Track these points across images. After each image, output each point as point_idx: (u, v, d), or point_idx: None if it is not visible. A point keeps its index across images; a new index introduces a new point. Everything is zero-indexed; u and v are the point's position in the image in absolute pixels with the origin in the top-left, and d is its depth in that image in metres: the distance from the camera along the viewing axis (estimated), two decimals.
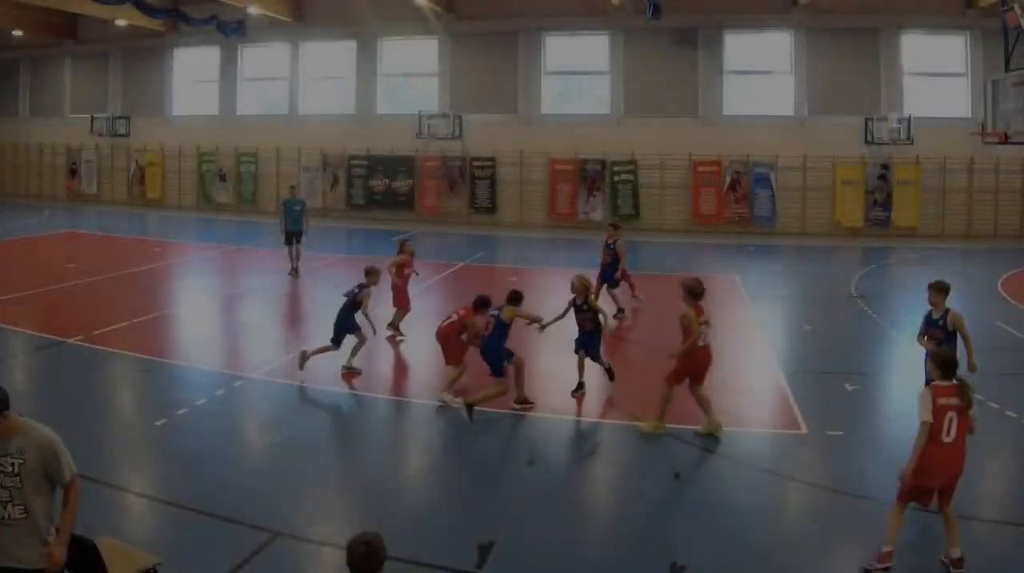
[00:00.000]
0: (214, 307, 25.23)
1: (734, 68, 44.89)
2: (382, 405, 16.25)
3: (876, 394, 16.72)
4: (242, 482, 12.04)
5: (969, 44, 42.65)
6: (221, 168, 50.55)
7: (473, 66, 46.88)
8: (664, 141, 43.85)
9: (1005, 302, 26.15)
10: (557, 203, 45.61)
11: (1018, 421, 14.85)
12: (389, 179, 47.62)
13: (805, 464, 13.25)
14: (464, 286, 27.34)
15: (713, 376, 15.14)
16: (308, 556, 10.23)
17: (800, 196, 43.34)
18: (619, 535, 10.90)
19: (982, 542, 10.45)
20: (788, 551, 10.46)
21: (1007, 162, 41.20)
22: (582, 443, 14.38)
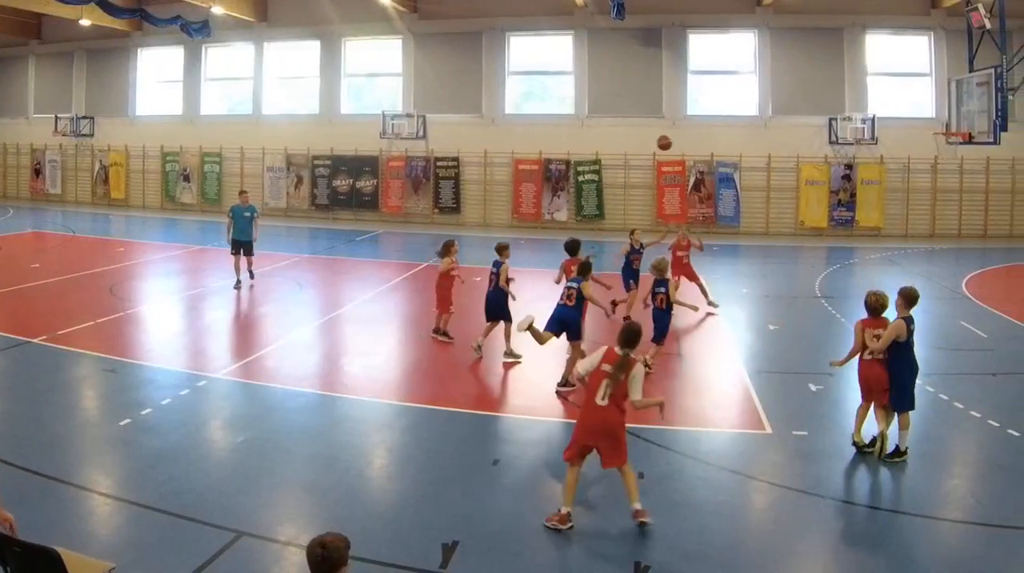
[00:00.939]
0: (179, 307, 24.13)
1: (698, 68, 43.21)
2: (347, 405, 15.39)
3: (840, 394, 15.87)
4: (206, 482, 11.53)
5: (933, 44, 41.20)
6: (185, 168, 48.44)
7: (437, 66, 44.96)
8: (628, 141, 42.14)
9: (969, 302, 25.32)
10: (521, 203, 43.80)
11: (982, 421, 14.34)
12: (353, 179, 45.65)
13: (769, 464, 12.78)
14: (427, 287, 25.70)
15: (680, 376, 16.06)
16: (273, 556, 9.72)
17: (764, 196, 41.81)
18: (583, 534, 10.34)
19: (947, 543, 10.26)
20: (752, 551, 10.08)
21: (971, 162, 39.92)
22: (547, 442, 13.49)
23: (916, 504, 11.18)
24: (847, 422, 13.96)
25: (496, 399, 15.82)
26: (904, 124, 40.53)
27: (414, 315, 23.34)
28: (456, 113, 44.71)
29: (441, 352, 18.90)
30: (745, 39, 42.93)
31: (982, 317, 22.85)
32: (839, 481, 12.07)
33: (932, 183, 40.82)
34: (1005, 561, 9.73)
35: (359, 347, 19.81)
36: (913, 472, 12.30)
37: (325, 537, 6.04)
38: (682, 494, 11.57)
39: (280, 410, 15.03)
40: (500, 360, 18.10)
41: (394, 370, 17.80)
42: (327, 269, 31.24)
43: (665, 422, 12.95)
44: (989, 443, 13.62)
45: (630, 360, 10.70)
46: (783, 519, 10.95)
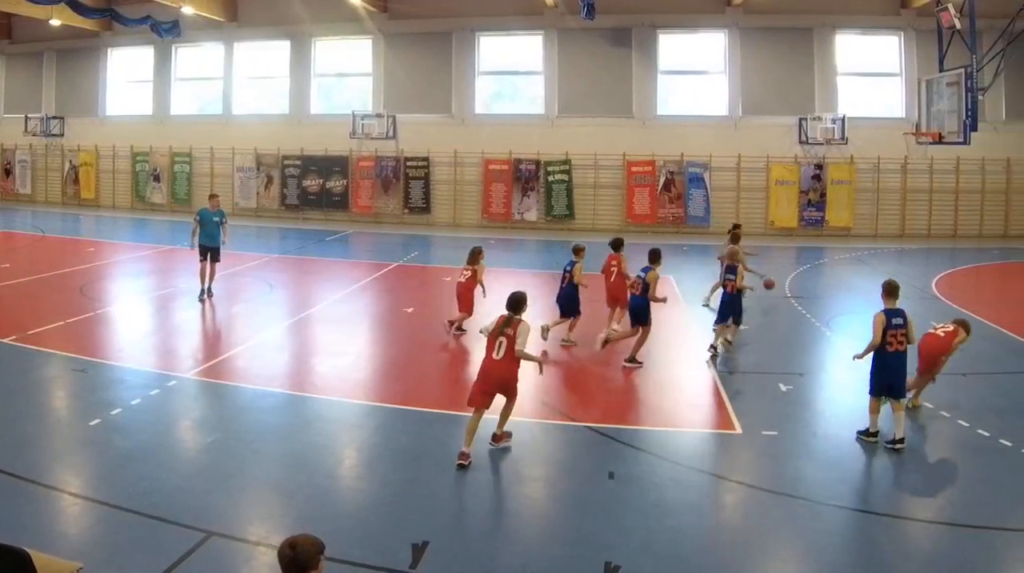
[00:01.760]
0: (149, 307, 23.23)
1: (668, 68, 41.75)
2: (317, 405, 14.94)
3: (810, 394, 15.79)
4: (176, 482, 11.19)
5: (903, 44, 39.91)
6: (155, 168, 46.52)
7: (407, 66, 43.22)
8: (598, 141, 40.89)
9: (938, 302, 24.61)
10: (491, 203, 42.19)
11: (952, 421, 14.06)
12: (323, 179, 43.92)
13: (739, 464, 12.59)
14: (398, 286, 26.37)
15: (650, 377, 16.10)
16: (243, 556, 9.44)
17: (734, 196, 40.39)
18: (553, 535, 10.22)
19: (917, 543, 10.13)
20: (722, 551, 9.85)
21: (941, 162, 38.72)
22: (517, 442, 12.99)
23: (886, 504, 11.00)
24: (816, 422, 14.10)
25: (466, 399, 13.97)
26: (874, 124, 39.30)
27: (384, 315, 22.90)
28: (426, 113, 43.08)
29: (411, 352, 18.53)
30: (715, 39, 41.48)
31: (952, 317, 20.56)
32: (809, 481, 11.74)
33: (902, 183, 39.63)
34: (975, 561, 9.52)
35: (329, 347, 19.31)
36: (883, 472, 12.17)
37: (297, 538, 5.87)
38: (652, 494, 11.22)
39: (250, 410, 14.68)
40: (478, 360, 16.93)
41: (364, 370, 17.35)
42: (297, 269, 30.20)
43: (637, 420, 13.57)
44: (959, 443, 13.33)
45: (514, 320, 12.44)
46: (753, 519, 10.73)
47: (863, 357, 13.41)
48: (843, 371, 16.57)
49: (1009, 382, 16.60)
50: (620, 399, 15.42)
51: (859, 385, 15.36)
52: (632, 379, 16.75)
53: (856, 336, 18.55)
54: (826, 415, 14.73)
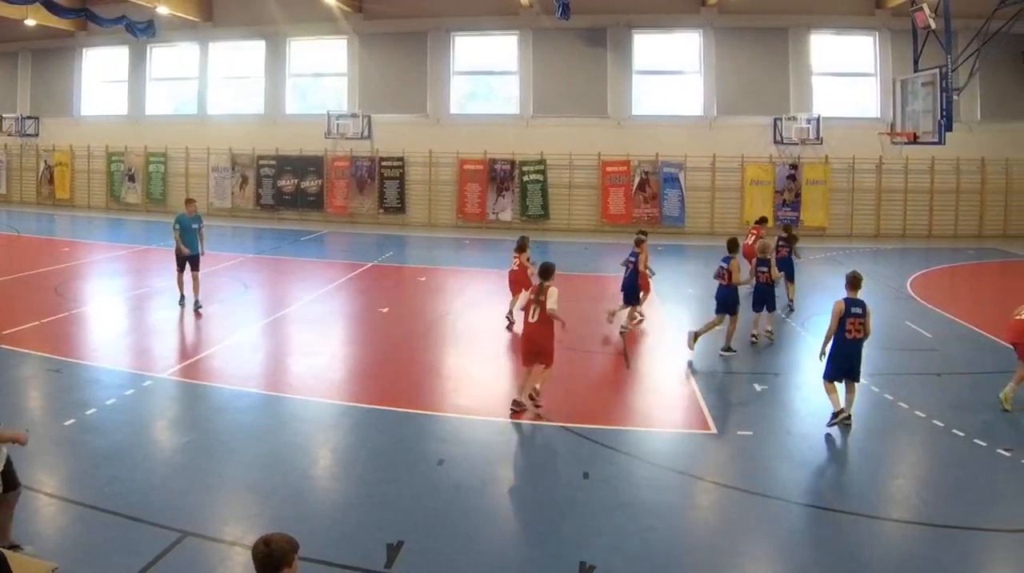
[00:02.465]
0: (124, 307, 22.57)
1: (643, 68, 40.42)
2: (292, 405, 14.61)
3: (785, 394, 15.50)
4: (151, 482, 10.95)
5: (878, 44, 38.71)
6: (130, 168, 44.88)
7: (382, 66, 41.77)
8: (573, 141, 39.57)
9: (913, 302, 24.12)
10: (466, 203, 40.77)
11: (927, 421, 13.75)
12: (298, 179, 42.41)
13: (714, 464, 12.30)
14: (373, 286, 25.75)
15: (625, 377, 16.25)
16: (218, 556, 9.22)
17: (709, 196, 39.10)
18: (528, 534, 10.14)
19: (892, 543, 9.81)
20: (697, 551, 9.67)
21: (916, 162, 37.56)
22: (492, 442, 12.93)
23: (861, 504, 10.66)
24: (791, 422, 13.89)
25: (441, 399, 15.04)
26: (849, 124, 38.18)
27: (359, 315, 22.36)
28: (401, 113, 41.65)
29: (386, 352, 18.15)
30: (690, 39, 40.18)
31: (927, 317, 21.86)
32: (784, 481, 11.53)
33: (877, 183, 38.50)
34: (949, 561, 9.34)
35: (304, 347, 18.84)
36: (858, 472, 11.92)
37: (271, 536, 5.77)
38: (627, 494, 10.97)
39: (225, 410, 14.41)
40: (453, 362, 17.65)
41: (339, 370, 16.99)
42: (272, 269, 29.31)
43: (612, 419, 13.57)
44: (934, 443, 13.06)
45: (545, 286, 13.83)
46: (728, 519, 10.54)
47: (825, 347, 13.65)
48: (818, 371, 15.79)
49: (984, 382, 16.04)
50: (595, 399, 15.08)
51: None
52: (607, 379, 16.45)
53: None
54: (801, 415, 14.38)
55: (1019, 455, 12.16)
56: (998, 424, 13.62)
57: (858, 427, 13.31)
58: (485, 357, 17.66)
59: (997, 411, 14.22)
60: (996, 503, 10.75)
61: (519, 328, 16.19)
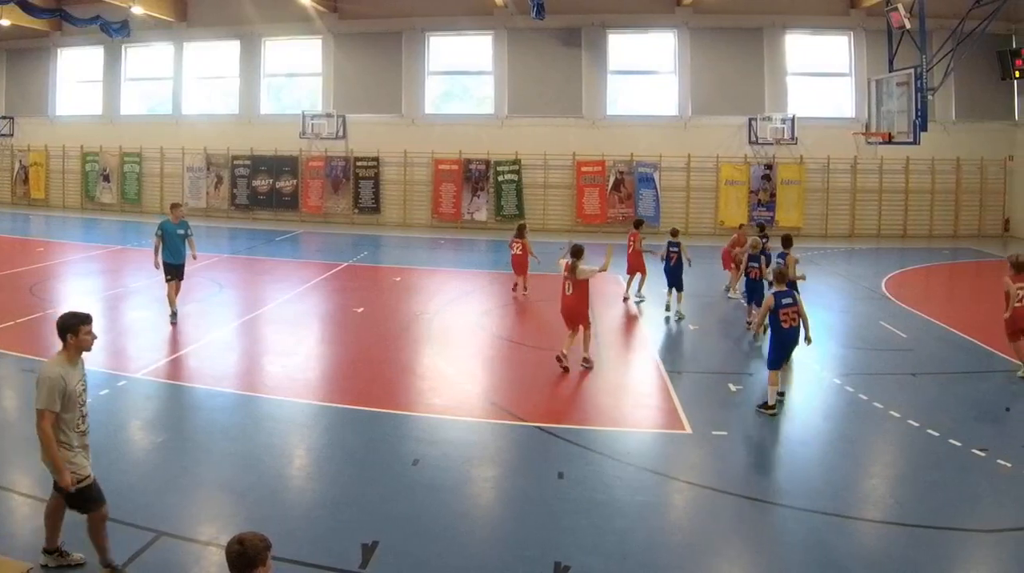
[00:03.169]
0: (98, 307, 21.30)
1: (618, 68, 39.06)
2: (267, 405, 14.12)
3: (760, 394, 14.46)
4: (126, 482, 10.44)
5: (853, 44, 37.54)
6: (105, 168, 43.30)
7: (357, 66, 40.34)
8: (548, 141, 38.28)
9: (888, 302, 23.42)
10: (441, 203, 39.37)
11: (902, 421, 13.33)
12: (273, 179, 40.92)
13: (689, 464, 11.92)
14: (348, 286, 24.94)
15: (598, 376, 15.67)
16: (193, 556, 8.86)
17: (684, 196, 37.84)
18: (503, 535, 9.69)
19: (866, 543, 9.47)
20: (672, 551, 9.31)
21: (890, 162, 36.48)
22: (467, 442, 12.57)
23: (835, 504, 10.31)
24: (766, 422, 13.40)
25: (416, 399, 14.60)
26: (824, 124, 37.05)
27: (334, 315, 21.56)
28: (376, 113, 40.23)
29: (361, 352, 17.55)
30: (665, 39, 38.87)
31: (902, 317, 21.22)
32: (758, 481, 11.34)
33: (852, 183, 37.36)
34: (923, 561, 9.07)
35: (279, 347, 18.16)
36: (832, 472, 11.50)
37: (245, 535, 5.61)
38: (602, 494, 10.63)
39: (200, 410, 14.08)
40: (430, 362, 17.03)
41: (314, 370, 16.44)
42: (247, 269, 28.30)
43: (586, 419, 13.36)
44: (908, 443, 12.70)
45: (575, 264, 15.62)
46: (703, 519, 10.25)
47: (758, 333, 15.73)
48: (793, 371, 15.89)
49: (958, 382, 15.82)
50: (570, 399, 14.72)
51: (808, 385, 15.42)
52: (582, 379, 15.70)
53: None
54: (776, 415, 13.74)
55: (994, 455, 11.76)
56: (973, 424, 13.22)
57: (832, 426, 13.23)
58: (460, 357, 17.24)
59: (972, 410, 13.92)
60: (971, 503, 10.41)
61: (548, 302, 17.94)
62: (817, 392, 14.93)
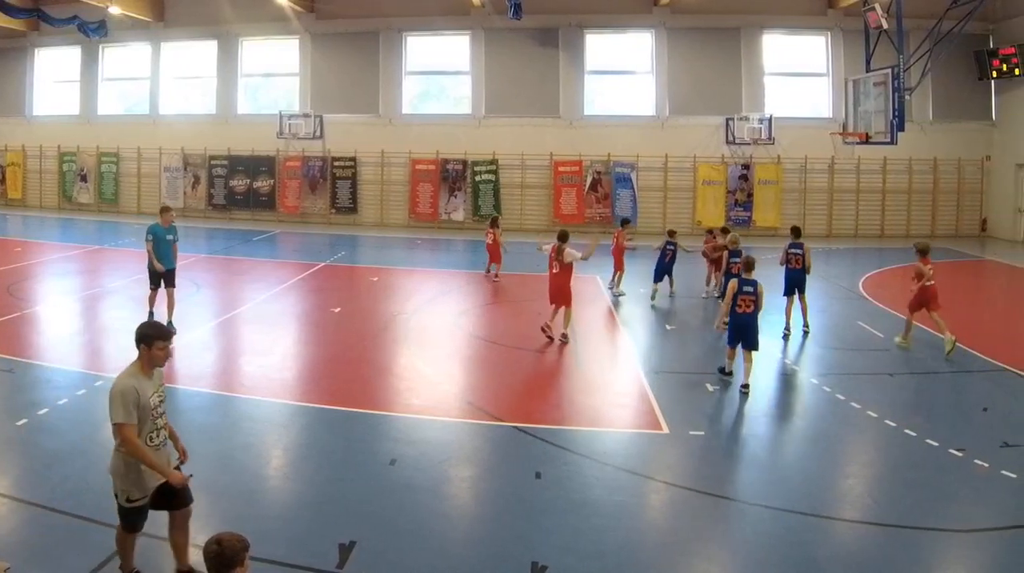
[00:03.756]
0: (76, 307, 21.13)
1: (595, 68, 37.88)
2: (244, 404, 13.81)
3: (737, 394, 14.47)
4: (103, 482, 9.19)
5: (830, 44, 36.47)
6: (82, 168, 41.96)
7: (334, 66, 39.11)
8: (525, 141, 37.12)
9: (866, 302, 23.02)
10: (418, 203, 38.18)
11: (879, 421, 13.04)
12: (250, 179, 39.64)
13: (666, 464, 11.58)
14: (325, 286, 24.45)
15: (576, 376, 15.64)
16: (169, 556, 8.38)
17: (661, 196, 36.73)
18: (480, 534, 9.49)
19: (844, 543, 9.28)
20: (649, 551, 9.10)
21: (868, 162, 35.49)
22: (444, 442, 12.29)
23: (812, 503, 10.10)
24: (743, 422, 13.37)
25: (393, 399, 14.28)
26: (801, 124, 36.02)
27: (311, 315, 21.03)
28: (353, 113, 39.01)
29: (338, 352, 17.13)
30: (642, 39, 37.73)
31: (879, 317, 20.86)
32: (736, 481, 11.10)
33: (829, 183, 36.32)
34: (900, 561, 8.81)
35: (256, 347, 17.72)
36: (810, 472, 11.29)
37: (223, 535, 5.56)
38: (579, 494, 10.37)
39: (177, 410, 12.89)
40: (405, 362, 16.71)
41: (291, 370, 16.00)
42: (224, 269, 27.56)
43: (564, 419, 13.14)
44: (886, 443, 12.45)
45: (562, 247, 17.24)
46: (680, 519, 10.00)
47: (722, 320, 15.53)
48: (769, 372, 15.82)
49: (935, 382, 15.62)
50: (547, 399, 14.46)
51: (785, 385, 15.34)
52: (559, 378, 15.71)
53: (784, 335, 18.44)
54: (752, 415, 13.66)
55: (971, 455, 11.52)
56: (950, 424, 12.93)
57: (809, 426, 12.98)
58: (438, 357, 16.81)
59: (949, 410, 13.76)
60: (948, 503, 10.23)
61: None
62: (794, 392, 14.69)
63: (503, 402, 13.95)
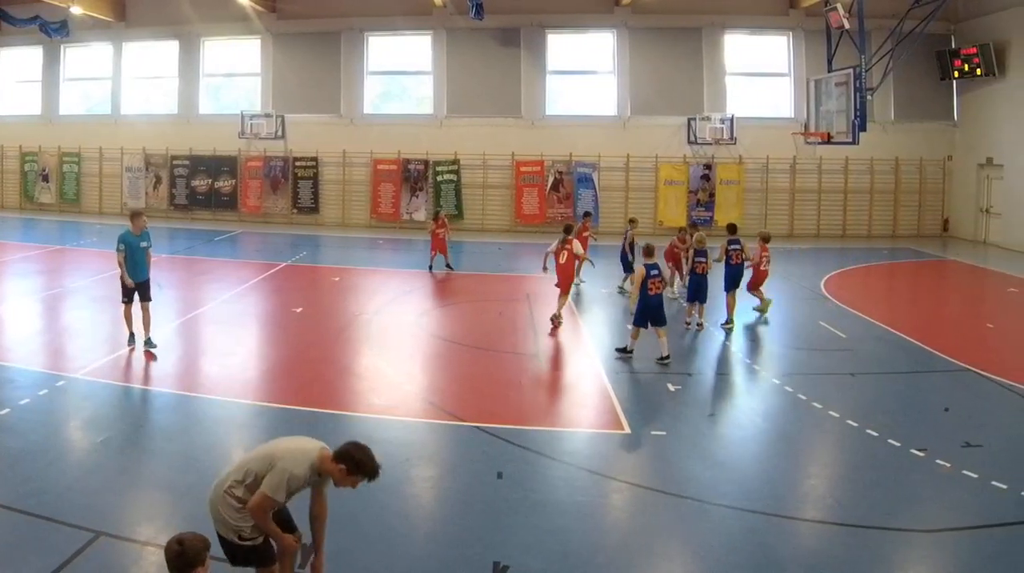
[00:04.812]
0: (37, 307, 20.37)
1: (557, 68, 36.10)
2: (206, 405, 13.18)
3: (699, 394, 14.22)
4: (65, 482, 9.84)
5: (792, 44, 34.85)
6: (44, 168, 39.82)
7: (296, 66, 37.13)
8: (487, 141, 35.34)
9: (828, 302, 22.15)
10: (380, 203, 36.30)
11: (841, 421, 12.59)
12: (212, 179, 37.60)
13: (628, 464, 11.27)
14: (287, 286, 23.55)
15: (538, 376, 15.23)
16: (132, 556, 8.29)
17: (623, 196, 35.02)
18: (442, 535, 9.08)
19: (806, 543, 8.97)
20: (610, 551, 8.71)
21: (829, 162, 33.86)
22: (406, 443, 11.70)
23: (775, 504, 9.73)
24: (705, 422, 12.81)
25: (355, 399, 13.87)
26: (763, 124, 34.42)
27: (273, 315, 20.34)
28: (315, 113, 37.05)
29: (300, 351, 16.59)
30: (604, 39, 36.00)
31: (841, 317, 20.17)
32: (698, 481, 10.54)
33: (791, 183, 34.71)
34: (863, 560, 8.49)
35: (218, 347, 17.14)
36: (771, 472, 10.85)
37: (184, 535, 5.45)
38: (540, 494, 10.02)
39: (140, 410, 13.22)
40: (367, 359, 16.25)
41: (253, 370, 15.44)
42: (186, 269, 26.32)
43: (525, 419, 12.66)
44: (848, 443, 11.95)
45: (569, 238, 18.59)
46: (642, 519, 9.64)
47: (633, 303, 15.65)
48: (731, 371, 15.66)
49: (897, 382, 15.03)
50: (509, 399, 13.91)
51: (747, 385, 14.81)
52: (521, 378, 15.07)
53: (746, 336, 18.18)
54: (715, 415, 13.31)
55: (933, 456, 11.19)
56: (912, 424, 12.53)
57: (771, 426, 12.52)
58: (399, 357, 16.25)
59: (911, 411, 13.27)
60: (910, 503, 9.92)
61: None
62: (756, 392, 14.20)
63: (465, 402, 13.53)
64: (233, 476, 6.76)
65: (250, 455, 6.92)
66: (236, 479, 6.74)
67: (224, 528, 6.82)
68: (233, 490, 6.74)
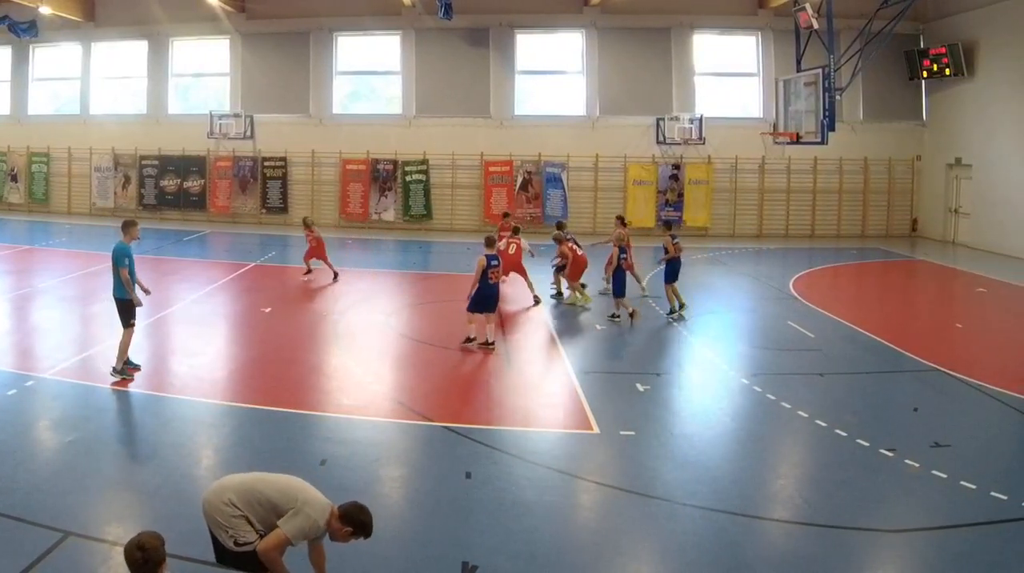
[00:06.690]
0: (5, 307, 19.30)
1: (526, 68, 33.78)
2: (175, 405, 12.42)
3: (668, 394, 13.47)
4: (33, 482, 9.35)
5: (761, 44, 32.63)
6: (13, 168, 37.12)
7: (265, 66, 34.61)
8: (456, 141, 33.05)
9: (796, 302, 21.12)
10: (349, 203, 33.85)
11: (810, 421, 11.89)
12: (181, 179, 35.01)
13: (597, 464, 10.56)
14: (256, 286, 22.42)
15: (506, 376, 14.46)
16: (100, 556, 7.85)
17: (592, 196, 32.72)
18: (411, 534, 8.64)
19: (775, 543, 8.57)
20: (579, 551, 8.36)
21: (798, 162, 31.67)
22: (375, 442, 11.08)
23: (743, 504, 9.18)
24: (675, 421, 12.25)
25: (324, 399, 12.97)
26: (732, 124, 32.23)
27: (242, 315, 19.37)
28: (284, 113, 34.55)
29: (269, 352, 15.70)
30: (573, 39, 33.67)
31: (809, 317, 19.20)
32: (666, 481, 9.95)
33: (759, 183, 32.56)
34: (831, 560, 8.09)
35: (187, 347, 16.15)
36: (740, 472, 10.16)
37: (141, 538, 5.22)
38: (509, 494, 9.41)
39: (109, 410, 12.36)
40: (335, 358, 15.58)
41: (222, 370, 14.54)
42: (155, 269, 24.34)
43: (494, 419, 12.06)
44: (816, 443, 11.33)
45: (517, 237, 19.73)
46: (610, 519, 9.10)
47: (471, 291, 15.23)
48: (701, 371, 14.78)
49: (866, 382, 14.27)
50: (477, 398, 13.33)
51: (716, 385, 13.88)
52: (489, 378, 14.31)
53: (715, 336, 17.14)
54: (683, 415, 12.63)
55: (901, 455, 10.54)
56: (881, 424, 11.82)
57: (740, 426, 11.86)
58: (368, 357, 15.54)
59: (880, 411, 12.52)
60: (878, 503, 9.31)
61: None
62: (725, 392, 13.41)
63: (433, 402, 12.89)
64: (238, 494, 6.52)
65: (262, 478, 6.66)
66: (243, 500, 6.52)
67: (221, 532, 6.53)
68: (235, 503, 6.51)
